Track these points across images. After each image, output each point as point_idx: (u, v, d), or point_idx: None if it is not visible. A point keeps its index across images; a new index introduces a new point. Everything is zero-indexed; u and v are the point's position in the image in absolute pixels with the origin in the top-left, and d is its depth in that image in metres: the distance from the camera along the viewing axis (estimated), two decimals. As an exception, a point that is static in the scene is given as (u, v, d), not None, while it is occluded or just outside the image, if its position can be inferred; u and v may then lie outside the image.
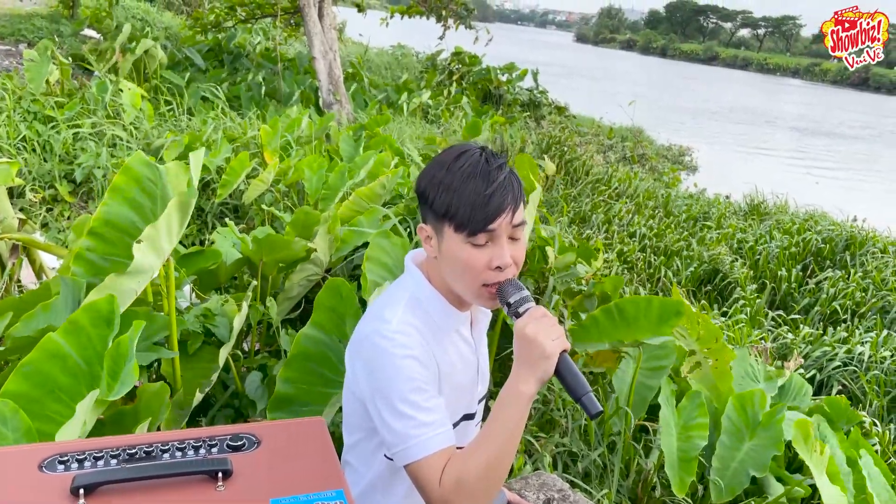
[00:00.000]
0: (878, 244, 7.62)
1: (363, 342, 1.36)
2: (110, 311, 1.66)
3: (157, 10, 20.35)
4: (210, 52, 12.78)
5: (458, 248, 1.31)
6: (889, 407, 4.79)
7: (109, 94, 5.86)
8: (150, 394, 1.83)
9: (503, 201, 1.30)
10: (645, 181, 9.64)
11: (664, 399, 2.68)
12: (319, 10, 9.93)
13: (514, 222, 1.33)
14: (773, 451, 2.80)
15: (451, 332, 1.43)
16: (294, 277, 2.65)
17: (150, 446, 1.08)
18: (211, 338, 2.25)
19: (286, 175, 4.79)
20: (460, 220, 1.29)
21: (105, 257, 1.99)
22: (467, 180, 1.29)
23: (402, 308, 1.37)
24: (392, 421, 1.29)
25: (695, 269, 6.71)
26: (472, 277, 1.33)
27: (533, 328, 1.26)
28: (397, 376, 1.29)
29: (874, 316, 6.11)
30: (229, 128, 5.95)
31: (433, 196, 1.32)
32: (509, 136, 11.02)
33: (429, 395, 1.31)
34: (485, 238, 1.30)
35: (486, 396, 1.58)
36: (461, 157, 1.33)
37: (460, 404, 1.46)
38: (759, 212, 9.44)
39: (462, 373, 1.45)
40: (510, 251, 1.33)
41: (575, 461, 2.74)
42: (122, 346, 1.58)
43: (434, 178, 1.33)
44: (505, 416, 1.27)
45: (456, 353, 1.44)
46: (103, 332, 1.64)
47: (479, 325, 1.52)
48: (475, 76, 15.04)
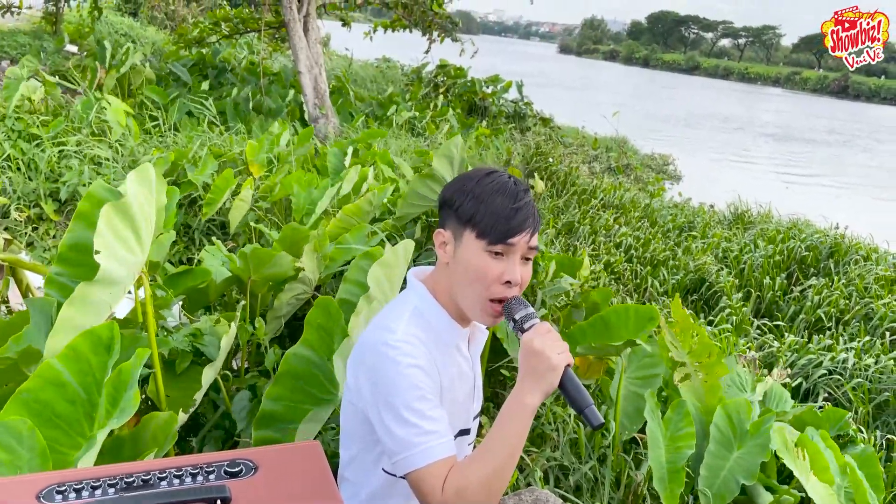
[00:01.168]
0: (861, 251, 7.71)
1: (368, 351, 1.38)
2: (110, 338, 1.65)
3: (141, 24, 20.31)
4: (195, 66, 12.77)
5: (475, 255, 1.36)
6: (874, 414, 4.84)
7: (94, 112, 5.84)
8: (157, 423, 1.81)
9: (526, 220, 1.36)
10: (630, 191, 9.71)
11: (649, 412, 2.69)
12: (304, 24, 9.97)
13: (530, 244, 1.39)
14: (761, 459, 2.82)
15: (452, 347, 1.45)
16: (283, 296, 2.65)
17: (148, 474, 1.08)
18: (201, 357, 2.24)
19: (272, 191, 4.79)
20: (484, 227, 1.35)
21: (75, 280, 1.99)
22: (495, 194, 1.36)
23: (407, 319, 1.40)
24: (396, 428, 1.31)
25: (681, 279, 6.76)
26: (482, 287, 1.37)
27: (540, 342, 1.30)
28: (402, 384, 1.32)
29: (858, 323, 6.17)
30: (215, 144, 5.95)
31: (460, 202, 1.38)
32: (495, 148, 11.08)
33: (433, 405, 1.34)
34: (503, 249, 1.35)
35: (480, 413, 1.60)
36: (491, 175, 1.40)
37: (457, 419, 1.48)
38: (744, 220, 9.54)
39: (460, 388, 1.47)
40: (520, 270, 1.38)
41: (566, 475, 2.75)
42: (124, 374, 1.57)
43: (464, 186, 1.39)
44: (509, 427, 1.30)
45: (455, 367, 1.46)
46: (103, 359, 1.63)
47: (476, 343, 1.55)
48: (460, 88, 15.13)
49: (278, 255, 2.58)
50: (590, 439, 2.90)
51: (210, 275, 2.60)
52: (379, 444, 1.39)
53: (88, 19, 14.08)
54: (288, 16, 9.69)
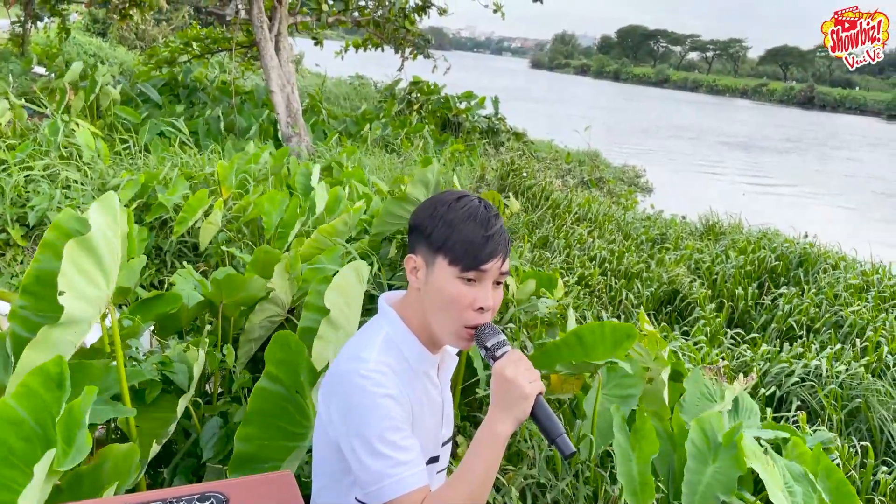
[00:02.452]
0: (830, 260, 7.85)
1: (340, 381, 1.37)
2: (59, 374, 1.60)
3: (110, 45, 20.15)
4: (165, 86, 12.68)
5: (447, 281, 1.36)
6: (847, 420, 4.91)
7: (62, 135, 5.77)
8: (117, 455, 1.77)
9: (498, 246, 1.36)
10: (604, 205, 9.80)
11: (617, 427, 2.69)
12: (276, 43, 9.96)
13: (502, 269, 1.39)
14: (738, 473, 2.84)
15: (422, 375, 1.45)
16: (254, 318, 2.63)
17: (111, 512, 1.06)
18: (170, 386, 2.21)
19: (245, 211, 4.76)
20: (456, 254, 1.34)
21: (39, 314, 1.94)
22: (467, 220, 1.36)
23: (378, 348, 1.39)
24: (368, 460, 1.30)
25: (654, 291, 6.82)
26: (455, 313, 1.37)
27: (512, 370, 1.31)
28: (375, 415, 1.31)
29: (828, 331, 6.27)
30: (186, 164, 5.90)
31: (431, 228, 1.38)
32: (469, 164, 11.13)
33: (405, 434, 1.33)
34: (475, 276, 1.35)
35: (450, 439, 1.59)
36: (462, 200, 1.40)
37: (426, 447, 1.47)
38: (715, 231, 9.67)
39: (429, 416, 1.47)
40: (492, 295, 1.39)
41: (544, 492, 2.75)
42: (74, 412, 1.54)
43: (435, 212, 1.38)
44: (481, 456, 1.30)
45: (425, 394, 1.46)
46: (56, 395, 1.59)
47: (446, 368, 1.54)
48: (434, 105, 15.21)
49: (251, 279, 2.56)
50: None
51: (181, 300, 2.57)
52: (351, 472, 1.38)
53: (56, 40, 13.94)
54: (259, 35, 9.68)
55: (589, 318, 5.37)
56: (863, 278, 7.36)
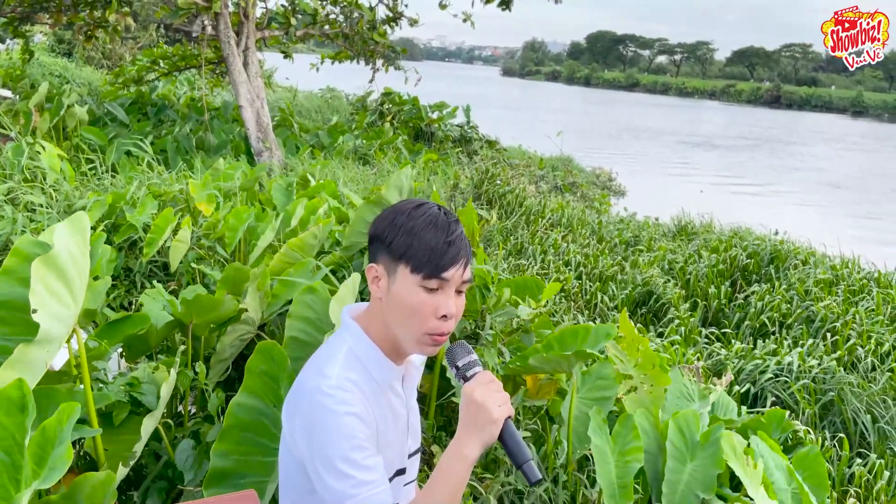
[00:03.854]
0: (800, 256, 7.98)
1: (302, 399, 1.35)
2: (21, 397, 1.58)
3: (76, 65, 19.91)
4: (133, 105, 12.56)
5: (409, 290, 1.35)
6: (821, 414, 4.98)
7: (25, 157, 5.68)
8: (94, 484, 1.73)
9: (459, 253, 1.36)
10: (577, 209, 9.87)
11: (594, 429, 2.70)
12: (244, 58, 9.92)
13: (464, 277, 1.39)
14: (716, 470, 2.86)
15: (386, 388, 1.44)
16: (225, 339, 2.60)
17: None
18: (139, 408, 2.18)
19: (215, 228, 4.72)
20: (418, 262, 1.34)
21: (7, 338, 1.93)
22: (427, 228, 1.35)
23: (341, 363, 1.38)
24: (331, 481, 1.29)
25: (629, 293, 6.87)
26: (419, 321, 1.36)
27: (481, 393, 1.31)
28: (337, 435, 1.30)
29: (800, 326, 6.36)
30: (155, 183, 5.84)
31: (392, 237, 1.37)
32: (443, 173, 11.15)
33: (368, 454, 1.32)
34: (437, 284, 1.35)
35: (417, 451, 1.58)
36: (421, 208, 1.39)
37: (392, 460, 1.47)
38: (687, 232, 9.77)
39: (393, 428, 1.46)
40: (455, 302, 1.38)
41: (521, 498, 2.75)
42: (49, 432, 1.51)
43: (395, 221, 1.38)
44: (447, 479, 1.30)
45: (388, 407, 1.45)
46: (18, 420, 1.56)
47: (410, 379, 1.53)
48: (406, 115, 15.23)
49: (221, 299, 2.54)
50: (543, 460, 2.90)
51: (149, 321, 2.53)
52: (316, 492, 1.37)
53: (19, 62, 13.75)
54: (227, 51, 9.63)
55: (566, 323, 5.40)
56: (832, 272, 7.49)
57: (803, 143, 35.02)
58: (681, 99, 79.10)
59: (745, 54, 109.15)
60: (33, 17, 12.30)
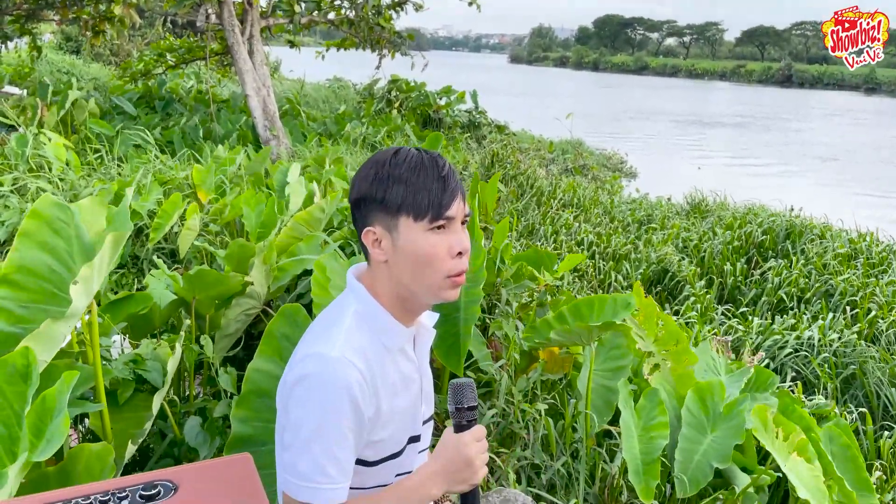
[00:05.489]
0: (816, 230, 7.84)
1: (300, 363, 1.27)
2: (26, 366, 1.53)
3: (84, 62, 19.95)
4: (141, 99, 12.55)
5: (419, 239, 1.27)
6: (842, 388, 4.87)
7: (30, 148, 5.64)
8: (90, 456, 1.69)
9: (456, 187, 1.29)
10: (588, 189, 9.76)
11: (623, 402, 2.63)
12: (249, 47, 9.86)
13: (466, 210, 1.32)
14: (735, 441, 2.79)
15: (396, 351, 1.36)
16: (230, 313, 2.54)
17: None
18: (144, 385, 2.12)
19: (222, 214, 4.67)
20: (420, 207, 1.26)
21: (23, 305, 1.87)
22: (417, 170, 1.27)
23: (346, 329, 1.29)
24: (294, 450, 1.24)
25: (644, 271, 6.78)
26: (437, 267, 1.28)
27: (474, 450, 1.29)
28: (326, 410, 1.22)
29: (819, 300, 6.24)
30: (160, 171, 5.79)
31: (383, 192, 1.27)
32: (452, 158, 11.06)
33: (346, 445, 1.25)
34: (444, 223, 1.28)
35: (431, 417, 1.50)
36: (399, 154, 1.30)
37: (404, 427, 1.39)
38: (701, 210, 9.64)
39: (404, 394, 1.37)
40: (465, 237, 1.32)
41: (539, 473, 2.68)
42: (49, 401, 1.46)
43: (378, 175, 1.28)
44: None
45: (397, 373, 1.36)
46: (20, 389, 1.51)
47: (422, 342, 1.45)
48: (414, 102, 15.11)
49: (225, 273, 2.48)
50: (561, 435, 2.83)
51: (152, 300, 2.48)
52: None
53: (28, 59, 13.77)
54: (231, 39, 9.57)
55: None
56: (850, 246, 7.35)
57: (810, 120, 34.82)
58: (691, 81, 78.34)
59: (754, 34, 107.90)
60: (39, 14, 12.29)
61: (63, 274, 1.87)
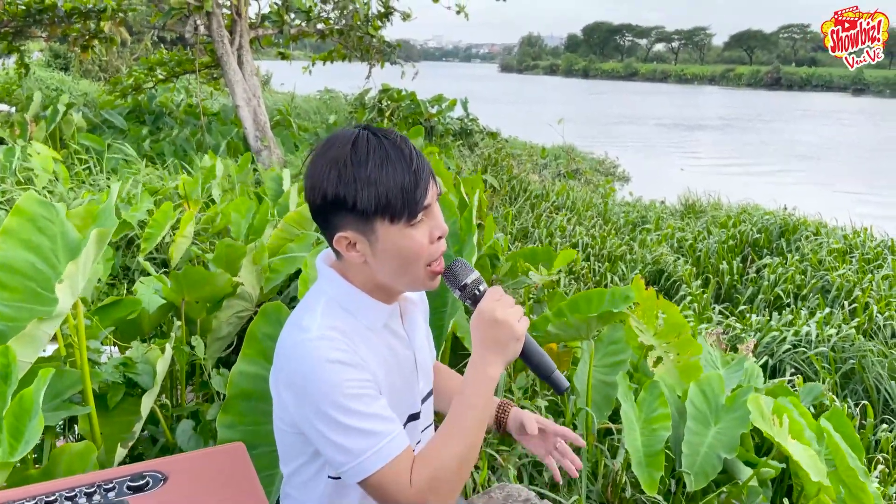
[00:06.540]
0: (810, 227, 7.85)
1: (284, 360, 1.23)
2: (6, 365, 1.49)
3: (73, 78, 19.90)
4: (131, 113, 12.50)
5: (399, 239, 1.21)
6: (842, 383, 4.84)
7: (18, 160, 5.58)
8: (71, 455, 1.65)
9: (426, 172, 1.22)
10: (582, 192, 9.76)
11: (622, 395, 2.60)
12: (238, 58, 9.83)
13: (439, 190, 1.26)
14: (741, 430, 2.76)
15: (380, 329, 1.31)
16: (221, 315, 2.49)
17: (33, 499, 0.93)
18: (134, 388, 2.07)
19: (213, 222, 4.62)
20: (395, 208, 1.19)
21: (7, 304, 1.82)
22: (383, 166, 1.18)
23: (321, 313, 1.25)
24: (336, 437, 1.17)
25: (640, 272, 6.75)
26: (421, 263, 1.24)
27: (501, 311, 1.22)
28: (328, 386, 1.17)
29: (815, 296, 6.23)
30: (150, 181, 5.74)
31: (353, 197, 1.19)
32: (444, 165, 11.03)
33: (369, 399, 1.19)
34: (422, 216, 1.22)
35: (430, 394, 1.46)
36: (357, 147, 1.20)
37: (402, 405, 1.34)
38: (695, 210, 9.65)
39: (397, 373, 1.32)
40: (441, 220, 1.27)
41: (540, 471, 2.63)
42: (25, 401, 1.42)
43: (342, 177, 1.19)
44: (473, 403, 1.21)
45: (387, 350, 1.31)
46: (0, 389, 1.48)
47: (411, 317, 1.40)
48: (405, 111, 15.09)
49: (213, 273, 2.43)
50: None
51: (140, 304, 2.43)
52: (319, 455, 1.26)
53: (16, 76, 13.71)
54: (221, 50, 9.54)
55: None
56: (845, 242, 7.35)
57: (797, 121, 35.14)
58: (680, 86, 78.78)
59: (742, 38, 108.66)
60: (27, 32, 12.24)
61: (48, 273, 1.83)
